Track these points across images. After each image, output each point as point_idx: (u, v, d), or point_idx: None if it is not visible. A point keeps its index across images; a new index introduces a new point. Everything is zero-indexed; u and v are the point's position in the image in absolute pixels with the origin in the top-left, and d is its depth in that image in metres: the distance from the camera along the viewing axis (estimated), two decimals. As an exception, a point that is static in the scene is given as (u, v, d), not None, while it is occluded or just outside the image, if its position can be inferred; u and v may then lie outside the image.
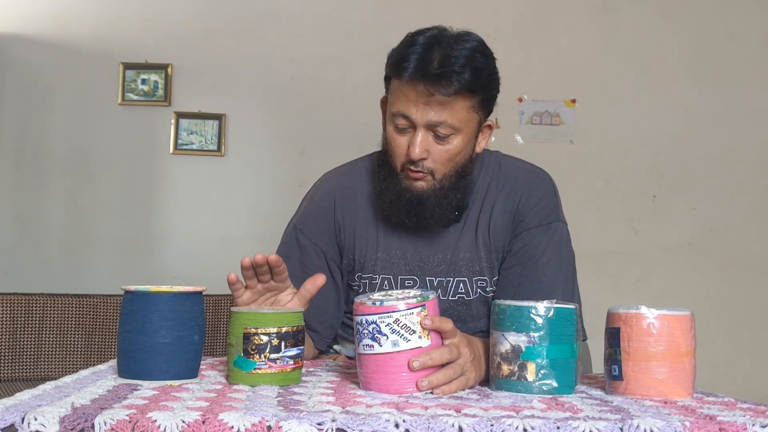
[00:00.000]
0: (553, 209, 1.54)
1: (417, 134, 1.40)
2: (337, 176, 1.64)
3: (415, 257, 1.54)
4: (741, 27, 3.68)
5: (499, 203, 1.53)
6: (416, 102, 1.37)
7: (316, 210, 1.59)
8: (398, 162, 1.45)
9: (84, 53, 3.60)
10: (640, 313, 1.10)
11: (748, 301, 3.60)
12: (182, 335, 1.10)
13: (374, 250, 1.55)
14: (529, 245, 1.50)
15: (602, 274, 3.57)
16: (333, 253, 1.57)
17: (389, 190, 1.47)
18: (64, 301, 3.03)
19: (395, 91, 1.42)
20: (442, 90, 1.35)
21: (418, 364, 1.07)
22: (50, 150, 3.59)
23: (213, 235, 3.59)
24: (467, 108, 1.40)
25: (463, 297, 1.53)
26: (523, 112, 3.63)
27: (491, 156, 1.60)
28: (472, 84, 1.36)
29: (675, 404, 1.03)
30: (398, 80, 1.40)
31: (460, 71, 1.35)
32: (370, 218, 1.56)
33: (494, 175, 1.56)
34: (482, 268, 1.52)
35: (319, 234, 1.57)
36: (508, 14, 3.67)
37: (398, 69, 1.39)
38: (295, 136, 3.63)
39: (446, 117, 1.38)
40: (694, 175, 3.64)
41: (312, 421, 0.82)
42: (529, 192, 1.53)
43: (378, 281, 1.55)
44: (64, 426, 0.82)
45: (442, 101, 1.36)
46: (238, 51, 3.63)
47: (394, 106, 1.41)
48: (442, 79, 1.34)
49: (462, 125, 1.40)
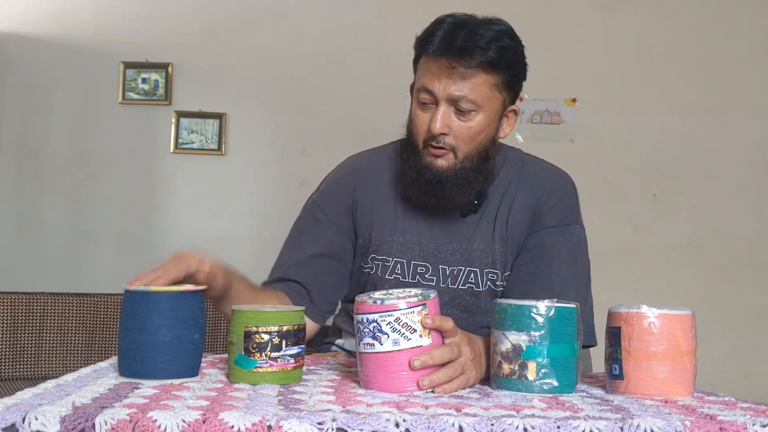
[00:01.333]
0: (572, 211, 1.55)
1: (438, 108, 1.41)
2: (361, 159, 1.66)
3: (430, 244, 1.54)
4: (741, 26, 3.67)
5: (520, 199, 1.53)
6: (439, 75, 1.39)
7: (335, 188, 1.61)
8: (420, 138, 1.46)
9: (84, 52, 3.60)
10: (641, 313, 1.10)
11: (749, 300, 3.59)
12: (183, 334, 1.10)
13: (391, 232, 1.55)
14: (545, 244, 1.50)
15: (603, 273, 3.54)
16: (348, 231, 1.58)
17: (410, 169, 1.48)
18: (64, 300, 3.04)
19: (421, 68, 1.44)
20: (464, 63, 1.37)
21: (419, 363, 1.07)
22: (51, 149, 3.59)
23: (213, 234, 3.59)
24: (489, 85, 1.41)
25: (472, 287, 1.53)
26: (524, 111, 3.62)
27: (515, 152, 1.61)
28: (494, 60, 1.39)
29: (675, 403, 1.03)
30: (424, 57, 1.43)
31: (485, 47, 1.37)
32: (389, 200, 1.57)
33: (517, 171, 1.56)
34: (495, 261, 1.52)
35: (337, 211, 1.58)
36: (508, 12, 3.61)
37: (424, 44, 1.41)
38: (295, 135, 3.63)
39: (467, 91, 1.39)
40: (695, 173, 3.64)
41: (312, 420, 0.82)
42: (551, 191, 1.54)
43: (391, 264, 1.55)
44: (65, 425, 0.82)
45: (463, 74, 1.38)
46: (239, 50, 3.63)
47: (419, 82, 1.43)
48: (465, 52, 1.37)
49: (484, 102, 1.41)
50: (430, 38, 1.40)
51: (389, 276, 1.54)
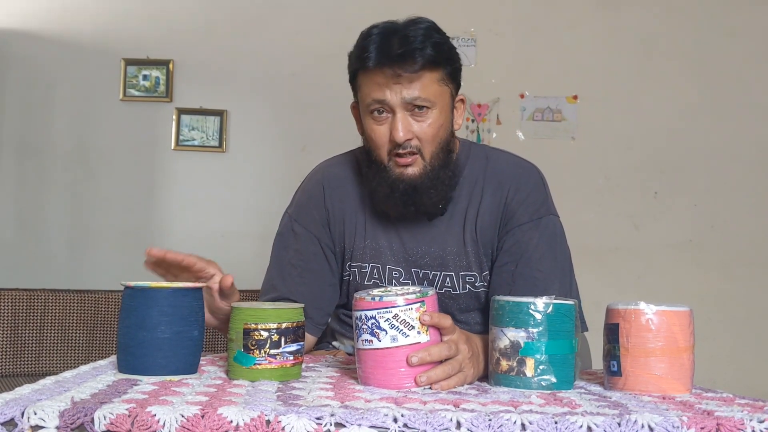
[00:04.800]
0: (542, 203, 1.53)
1: (396, 117, 1.42)
2: (327, 167, 1.66)
3: (400, 248, 1.54)
4: (742, 23, 3.67)
5: (487, 198, 1.52)
6: (387, 84, 1.40)
7: (307, 199, 1.62)
8: (383, 152, 1.46)
9: (86, 49, 3.61)
10: (639, 309, 1.10)
11: (749, 297, 3.59)
12: (182, 330, 1.10)
13: (362, 238, 1.56)
14: (521, 242, 1.49)
15: (603, 270, 3.57)
16: (327, 240, 1.58)
17: (381, 185, 1.47)
18: (65, 296, 3.04)
19: (364, 84, 1.45)
20: (408, 68, 1.39)
21: (417, 360, 1.07)
22: (52, 146, 3.60)
23: (214, 231, 3.59)
24: (437, 81, 1.43)
25: (450, 291, 1.53)
26: (525, 109, 3.62)
27: (479, 149, 1.61)
28: (435, 57, 1.40)
29: (673, 400, 1.03)
30: (364, 72, 1.44)
31: (422, 47, 1.39)
32: (357, 207, 1.57)
33: (482, 167, 1.55)
34: (470, 263, 1.52)
35: (313, 222, 1.59)
36: (510, 10, 3.66)
37: (362, 60, 1.42)
38: (296, 133, 3.64)
39: (419, 92, 1.40)
40: (696, 171, 3.64)
41: (311, 415, 0.83)
42: (518, 186, 1.53)
43: (367, 270, 1.55)
44: (63, 420, 0.82)
45: (411, 78, 1.39)
46: (240, 47, 3.63)
47: (368, 97, 1.44)
48: (407, 57, 1.38)
49: (436, 98, 1.43)
50: (365, 54, 1.41)
51: (368, 281, 1.55)
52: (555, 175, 1.61)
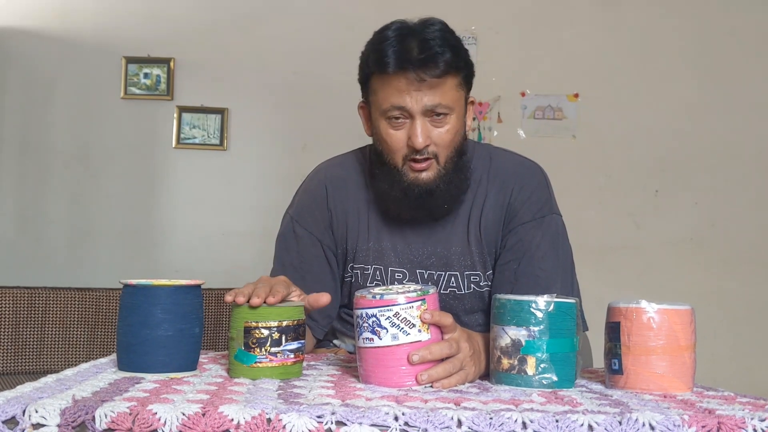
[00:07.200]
0: (545, 202, 1.53)
1: (416, 122, 1.40)
2: (330, 167, 1.64)
3: (404, 249, 1.54)
4: (743, 22, 3.67)
5: (491, 197, 1.52)
6: (408, 90, 1.38)
7: (309, 200, 1.60)
8: (398, 157, 1.44)
9: (86, 47, 3.60)
10: (640, 308, 1.10)
11: (750, 295, 3.59)
12: (184, 328, 1.10)
13: (365, 240, 1.55)
14: (524, 240, 1.49)
15: (604, 268, 3.57)
16: (329, 242, 1.58)
17: (393, 189, 1.46)
18: (66, 294, 3.04)
19: (381, 88, 1.41)
20: (431, 72, 1.37)
21: (418, 358, 1.07)
22: (52, 144, 3.60)
23: (215, 229, 3.59)
24: (456, 86, 1.42)
25: (454, 291, 1.53)
26: (526, 107, 3.62)
27: (482, 149, 1.60)
28: (455, 61, 1.39)
29: (674, 398, 1.03)
30: (381, 76, 1.40)
31: (441, 52, 1.37)
32: (361, 208, 1.56)
33: (485, 167, 1.55)
34: (474, 263, 1.52)
35: (315, 223, 1.58)
36: (510, 8, 3.66)
37: (380, 64, 1.39)
38: (297, 131, 3.64)
39: (440, 99, 1.39)
40: (697, 169, 3.64)
41: (312, 413, 0.83)
42: (521, 186, 1.53)
43: (370, 272, 1.55)
44: (64, 418, 0.82)
45: (432, 84, 1.38)
46: (241, 45, 3.63)
47: (386, 102, 1.41)
48: (429, 62, 1.36)
49: (454, 104, 1.42)
50: (384, 58, 1.38)
51: (370, 283, 1.54)
52: (556, 173, 1.61)
